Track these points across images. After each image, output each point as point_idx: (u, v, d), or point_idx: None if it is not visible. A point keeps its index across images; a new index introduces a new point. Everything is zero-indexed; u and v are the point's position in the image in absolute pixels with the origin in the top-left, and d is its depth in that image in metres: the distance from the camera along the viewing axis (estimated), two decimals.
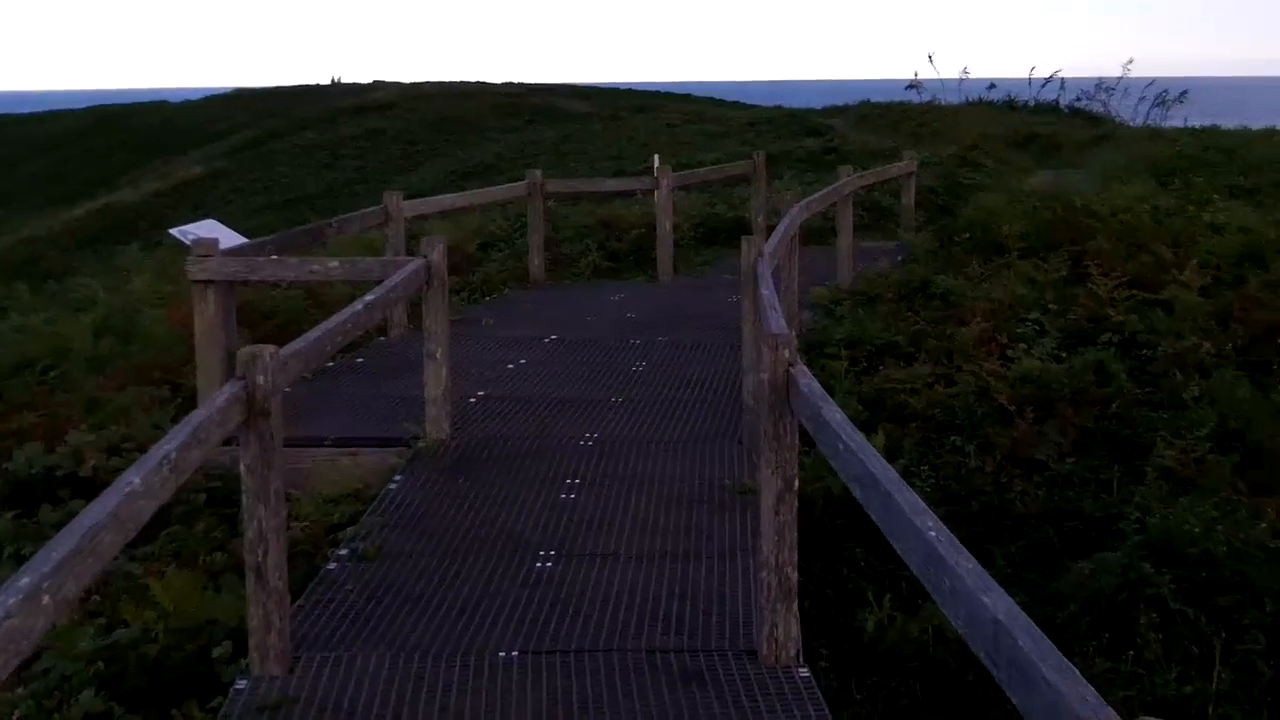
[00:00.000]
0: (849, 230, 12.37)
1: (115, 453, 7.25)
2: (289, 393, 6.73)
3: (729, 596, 5.37)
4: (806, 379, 4.55)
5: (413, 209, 11.86)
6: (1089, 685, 2.38)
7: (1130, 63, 28.41)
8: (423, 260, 7.62)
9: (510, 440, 7.69)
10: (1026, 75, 29.41)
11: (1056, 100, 28.89)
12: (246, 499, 4.67)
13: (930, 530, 3.15)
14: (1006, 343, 8.80)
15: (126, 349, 9.89)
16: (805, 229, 10.77)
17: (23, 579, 2.82)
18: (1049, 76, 29.35)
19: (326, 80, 47.79)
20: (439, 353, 7.60)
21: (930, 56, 54.03)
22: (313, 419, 7.93)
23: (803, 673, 4.70)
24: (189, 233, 10.97)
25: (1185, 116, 25.94)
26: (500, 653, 4.88)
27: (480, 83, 44.26)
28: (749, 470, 6.87)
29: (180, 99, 50.52)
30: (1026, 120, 26.32)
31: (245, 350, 4.72)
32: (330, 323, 5.99)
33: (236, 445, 4.68)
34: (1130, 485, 6.64)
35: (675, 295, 12.73)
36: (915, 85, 29.31)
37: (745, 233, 11.10)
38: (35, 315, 11.31)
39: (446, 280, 7.82)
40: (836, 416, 4.15)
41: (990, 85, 29.50)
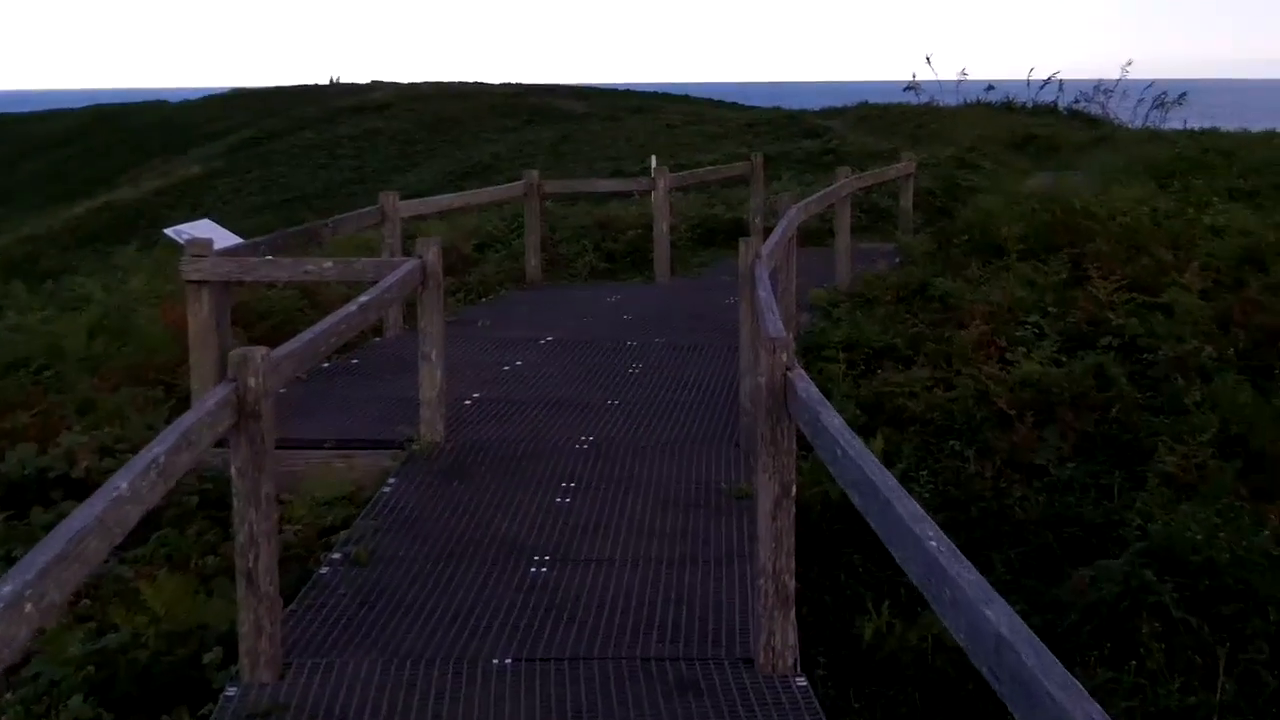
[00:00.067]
0: (847, 232, 12.33)
1: (108, 454, 7.19)
2: (283, 394, 6.70)
3: (725, 603, 5.31)
4: (804, 383, 4.49)
5: (409, 209, 11.79)
6: (1094, 702, 2.33)
7: (1129, 64, 28.45)
8: (418, 261, 7.57)
9: (505, 443, 7.63)
10: (1025, 77, 29.44)
11: (1055, 102, 28.85)
12: (237, 502, 4.63)
13: (930, 539, 3.10)
14: (1006, 346, 8.76)
15: (121, 349, 9.83)
16: (803, 230, 10.73)
17: (5, 587, 2.78)
18: (1048, 78, 29.34)
19: (325, 80, 47.79)
20: (434, 354, 7.54)
21: (929, 58, 53.75)
22: (307, 420, 7.89)
23: (800, 682, 4.64)
24: (184, 233, 10.93)
25: (1184, 118, 25.94)
26: (494, 660, 4.82)
27: (478, 83, 44.18)
28: (746, 474, 6.82)
29: (179, 98, 50.44)
30: (1025, 122, 26.27)
31: (236, 352, 4.66)
32: (324, 324, 5.94)
33: (228, 447, 4.63)
34: (1131, 491, 6.59)
35: (672, 296, 12.67)
36: (913, 87, 29.28)
37: (743, 234, 11.06)
38: (31, 314, 11.25)
39: (442, 281, 7.78)
40: (835, 422, 4.09)
41: (989, 87, 29.44)
